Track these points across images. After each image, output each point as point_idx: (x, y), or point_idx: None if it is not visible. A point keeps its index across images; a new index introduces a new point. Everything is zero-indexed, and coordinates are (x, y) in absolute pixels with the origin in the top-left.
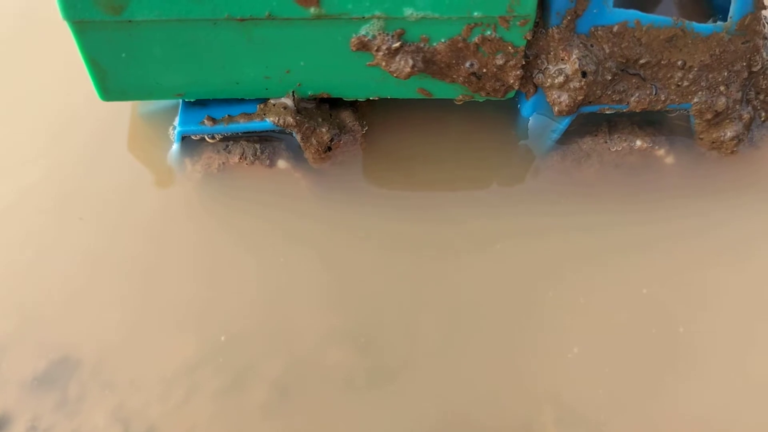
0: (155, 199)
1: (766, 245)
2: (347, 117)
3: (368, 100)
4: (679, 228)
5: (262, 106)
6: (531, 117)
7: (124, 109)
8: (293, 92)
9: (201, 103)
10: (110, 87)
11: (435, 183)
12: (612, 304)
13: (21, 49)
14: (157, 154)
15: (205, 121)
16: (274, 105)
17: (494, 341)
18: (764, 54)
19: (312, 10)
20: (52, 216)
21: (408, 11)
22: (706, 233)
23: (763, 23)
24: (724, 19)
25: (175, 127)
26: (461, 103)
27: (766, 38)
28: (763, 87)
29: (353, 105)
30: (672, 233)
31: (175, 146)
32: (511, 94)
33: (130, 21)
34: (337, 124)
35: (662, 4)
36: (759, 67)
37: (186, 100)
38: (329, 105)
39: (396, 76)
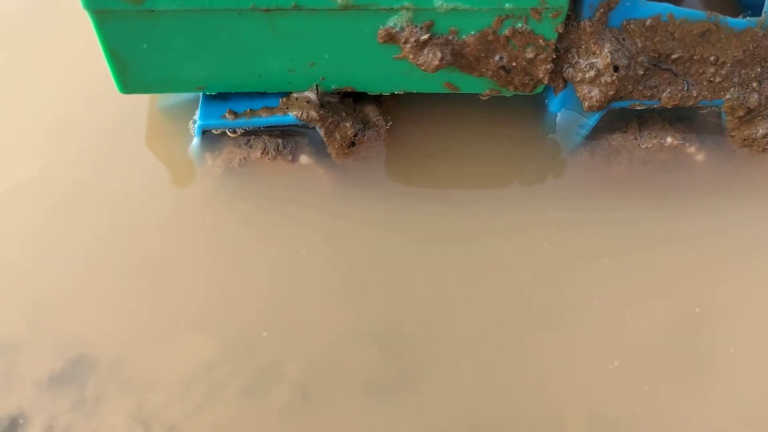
0: (175, 195)
1: None
2: (371, 112)
3: (393, 94)
4: (710, 225)
5: (284, 99)
6: (559, 112)
7: (142, 102)
8: (317, 86)
9: (222, 97)
10: (130, 79)
11: (460, 178)
12: (646, 309)
13: (35, 40)
14: (176, 149)
15: (227, 114)
16: (297, 99)
17: (523, 345)
18: None
19: (339, 0)
20: (69, 211)
21: (438, 2)
22: (737, 230)
23: None
24: (754, 15)
25: (195, 121)
26: (487, 98)
27: None
28: None
29: (377, 99)
30: (703, 230)
31: (196, 140)
32: (539, 89)
33: (152, 11)
34: (361, 119)
35: (691, 3)
36: None
37: (207, 93)
38: (353, 99)
39: (423, 70)
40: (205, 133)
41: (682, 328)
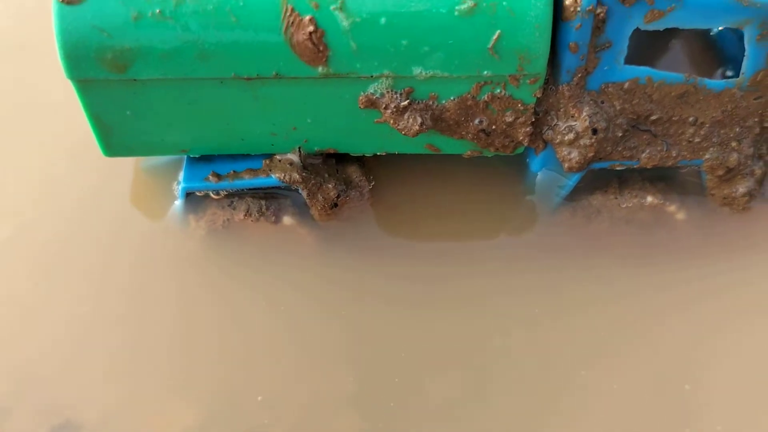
0: (159, 256)
1: None
2: (354, 172)
3: (375, 154)
4: (693, 289)
5: (267, 161)
6: (540, 172)
7: (127, 161)
8: (300, 148)
9: (206, 159)
10: (114, 143)
11: (443, 238)
12: (630, 381)
13: (20, 101)
14: (160, 210)
15: (210, 177)
16: (280, 161)
17: (508, 411)
18: None
19: (320, 69)
20: (54, 273)
21: (417, 70)
22: (723, 294)
23: None
24: (735, 70)
25: (179, 182)
26: (469, 157)
27: None
28: None
29: (360, 159)
30: (686, 295)
31: (179, 202)
32: (520, 150)
33: (134, 80)
34: (344, 180)
35: (672, 54)
36: None
37: (191, 156)
38: (336, 160)
39: (404, 134)
40: (188, 195)
41: (668, 395)
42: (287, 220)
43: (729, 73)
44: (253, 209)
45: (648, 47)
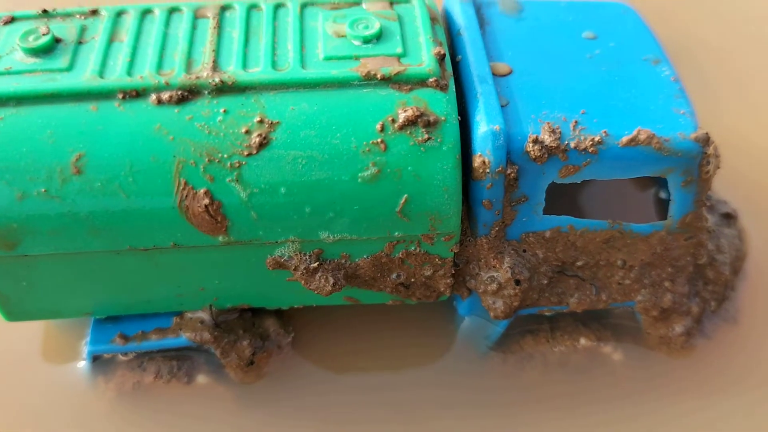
0: (65, 420)
1: None
2: (271, 325)
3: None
4: None
5: (177, 319)
6: (468, 317)
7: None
8: (210, 306)
9: (113, 318)
10: (14, 310)
11: (370, 391)
12: None
13: None
14: (70, 370)
15: (117, 339)
16: (190, 319)
17: None
18: (710, 245)
19: (221, 238)
20: None
21: (324, 234)
22: None
23: (706, 218)
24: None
25: (86, 343)
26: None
27: (710, 231)
28: (712, 278)
29: (277, 311)
30: None
31: (86, 364)
32: (444, 298)
33: (25, 255)
34: (260, 335)
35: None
36: (704, 259)
37: (96, 317)
38: (252, 312)
39: (318, 293)
40: (96, 357)
41: None
42: (202, 378)
43: (663, 195)
44: (164, 370)
45: None
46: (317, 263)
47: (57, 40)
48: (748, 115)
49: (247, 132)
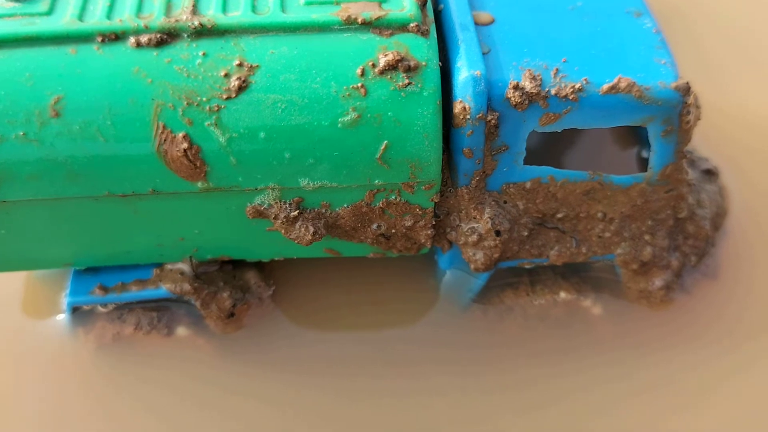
0: (44, 372)
1: (703, 405)
2: (252, 278)
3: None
4: (612, 390)
5: (157, 271)
6: (449, 271)
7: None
8: (191, 257)
9: (93, 269)
10: None
11: (350, 344)
12: None
13: None
14: (50, 321)
15: (96, 290)
16: (170, 270)
17: None
18: (690, 199)
19: (199, 184)
20: None
21: (304, 181)
22: (643, 393)
23: (686, 170)
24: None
25: (66, 295)
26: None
27: (690, 185)
28: (692, 232)
29: (259, 263)
30: (605, 397)
31: (66, 316)
32: (425, 250)
33: (4, 201)
34: (241, 287)
35: (590, 133)
36: (685, 213)
37: (76, 268)
38: (233, 265)
39: (298, 243)
40: (76, 309)
41: None
42: (181, 330)
43: (645, 154)
44: (144, 322)
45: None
46: (297, 212)
47: None
48: (733, 76)
49: (227, 75)
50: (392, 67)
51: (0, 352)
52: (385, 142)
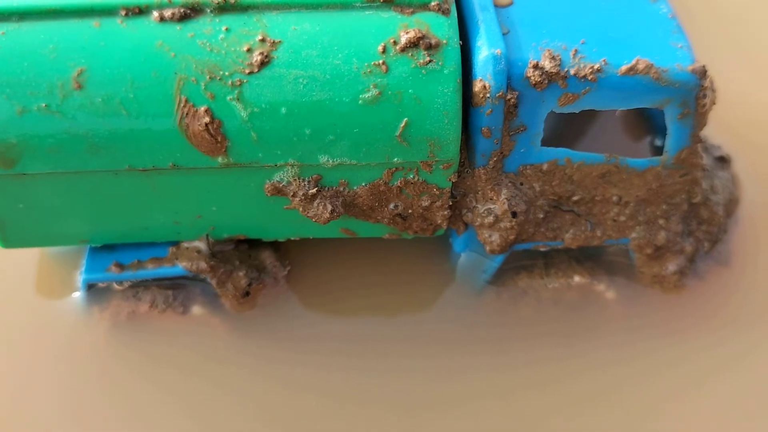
0: (59, 349)
1: (713, 387)
2: (267, 257)
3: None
4: (624, 372)
5: (174, 249)
6: (464, 253)
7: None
8: (207, 235)
9: (108, 247)
10: (9, 236)
11: (365, 321)
12: None
13: None
14: (65, 300)
15: (112, 267)
16: (187, 248)
17: None
18: (704, 185)
19: (220, 159)
20: None
21: (323, 158)
22: (653, 377)
23: (701, 155)
24: (664, 137)
25: (81, 272)
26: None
27: (705, 170)
28: (706, 217)
29: (274, 243)
30: (618, 378)
31: (81, 294)
32: (440, 232)
33: (24, 174)
34: (257, 266)
35: (604, 122)
36: (699, 198)
37: (92, 245)
38: (248, 245)
39: (315, 221)
40: (91, 286)
41: None
42: (197, 309)
43: (658, 142)
44: (159, 300)
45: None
46: (316, 189)
47: None
48: (742, 66)
49: (249, 50)
50: (413, 44)
51: (15, 330)
52: (405, 119)
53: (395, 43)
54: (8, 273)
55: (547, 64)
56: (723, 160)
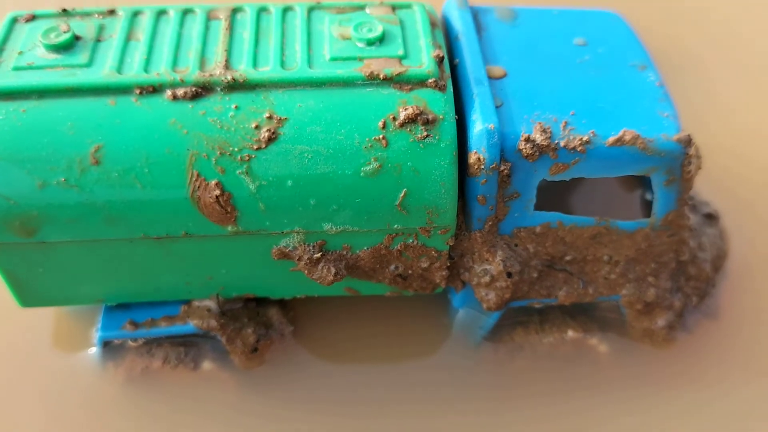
0: (75, 404)
1: None
2: (274, 314)
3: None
4: (617, 427)
5: (185, 307)
6: (462, 309)
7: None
8: (217, 294)
9: (123, 306)
10: (28, 296)
11: (368, 378)
12: None
13: None
14: (81, 355)
15: (127, 325)
16: (198, 307)
17: None
18: (692, 243)
19: (230, 228)
20: None
21: (327, 226)
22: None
23: (688, 216)
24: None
25: (97, 330)
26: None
27: (692, 230)
28: (693, 274)
29: (281, 300)
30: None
31: (97, 350)
32: (439, 290)
33: (43, 242)
34: (264, 323)
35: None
36: (687, 256)
37: (107, 304)
38: (256, 302)
39: (320, 283)
40: (107, 343)
41: None
42: (207, 365)
43: (648, 196)
44: (171, 356)
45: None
46: (320, 254)
47: (76, 38)
48: (729, 123)
49: (257, 127)
50: (411, 120)
51: (32, 383)
52: (405, 190)
53: (395, 119)
54: (27, 330)
55: (538, 137)
56: (711, 217)
